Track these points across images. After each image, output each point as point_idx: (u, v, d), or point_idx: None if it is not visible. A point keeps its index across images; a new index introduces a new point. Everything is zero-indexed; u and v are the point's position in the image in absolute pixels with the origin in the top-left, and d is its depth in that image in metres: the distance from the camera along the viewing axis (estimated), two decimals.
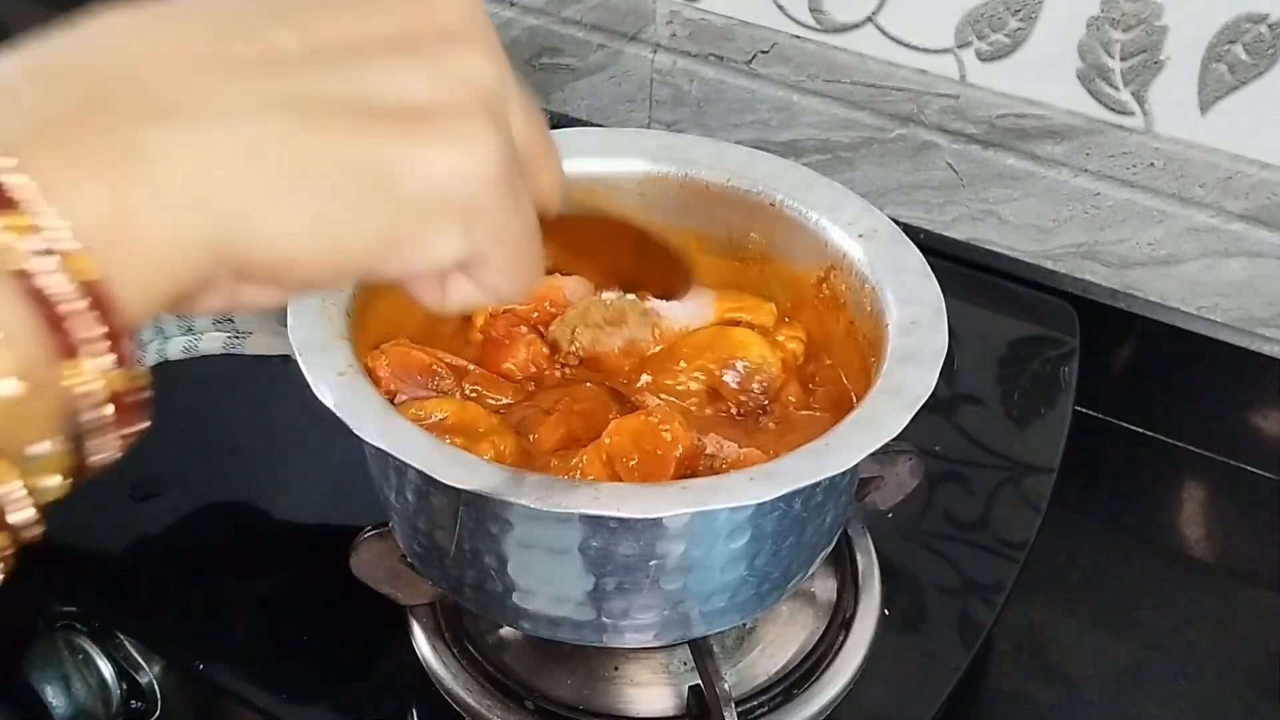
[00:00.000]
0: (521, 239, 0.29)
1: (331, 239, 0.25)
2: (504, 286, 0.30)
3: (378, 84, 0.26)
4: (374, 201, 0.25)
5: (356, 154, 0.25)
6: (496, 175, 0.27)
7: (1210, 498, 0.73)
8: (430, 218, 0.26)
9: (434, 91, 0.26)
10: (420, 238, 0.26)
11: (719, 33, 0.83)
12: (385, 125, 0.25)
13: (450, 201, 0.26)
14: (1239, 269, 0.73)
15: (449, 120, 0.26)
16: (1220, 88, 0.69)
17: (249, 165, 0.24)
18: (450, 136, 0.26)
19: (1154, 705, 0.58)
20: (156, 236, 0.23)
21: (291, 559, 0.60)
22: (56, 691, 0.58)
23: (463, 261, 0.28)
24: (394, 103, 0.26)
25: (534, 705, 0.52)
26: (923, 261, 0.51)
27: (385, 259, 0.26)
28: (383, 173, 0.25)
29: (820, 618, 0.56)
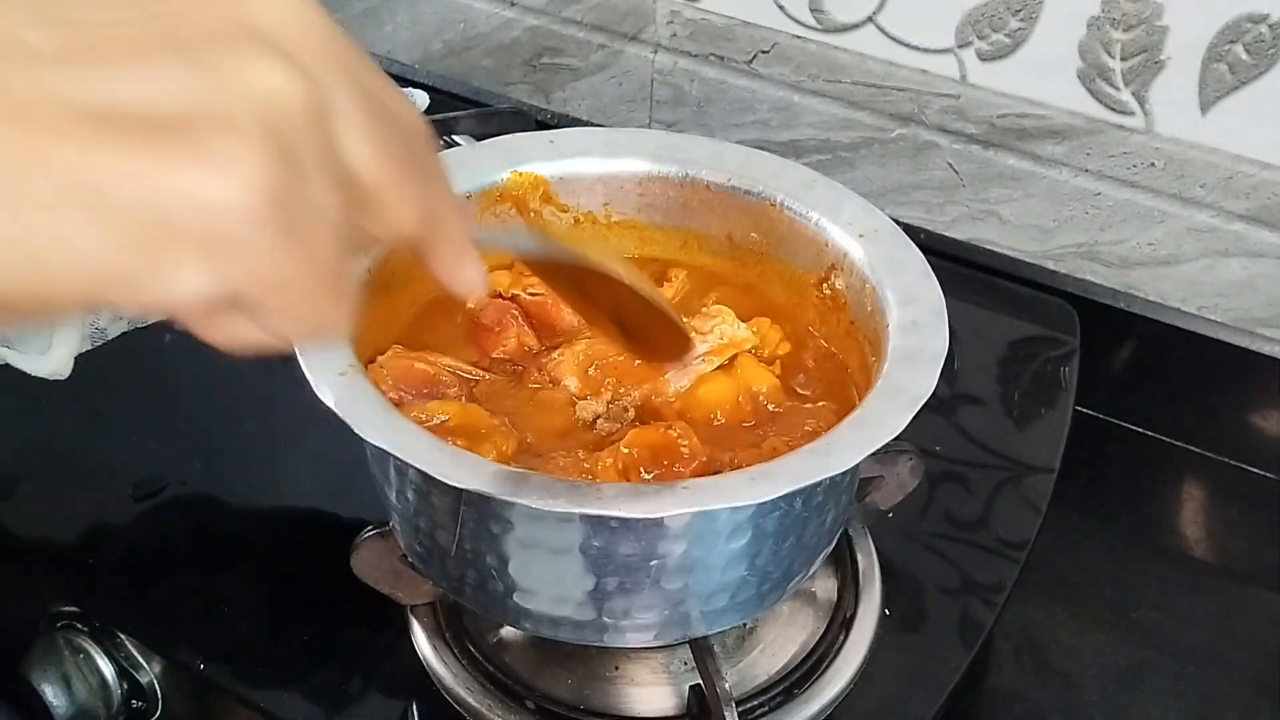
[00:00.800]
0: (302, 282, 0.24)
1: (32, 263, 0.22)
2: (285, 331, 0.26)
3: (126, 88, 0.22)
4: (86, 221, 0.22)
5: (71, 164, 0.21)
6: (252, 205, 0.22)
7: (1210, 498, 0.73)
8: (159, 249, 0.22)
9: (195, 101, 0.22)
10: (146, 270, 0.22)
11: (719, 33, 0.83)
12: (117, 136, 0.22)
13: (187, 230, 0.22)
14: (1239, 269, 0.73)
15: (202, 135, 0.22)
16: (1221, 88, 0.69)
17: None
18: (197, 154, 0.22)
19: (1154, 705, 0.58)
20: None
21: (292, 559, 0.60)
22: (57, 691, 0.58)
23: (220, 301, 0.24)
24: (139, 111, 0.22)
25: (535, 705, 0.52)
26: (923, 261, 0.51)
27: (106, 291, 0.23)
28: (102, 190, 0.22)
29: (821, 617, 0.56)
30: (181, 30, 0.23)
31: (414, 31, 0.98)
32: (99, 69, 0.22)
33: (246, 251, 0.23)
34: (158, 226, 0.22)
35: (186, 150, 0.22)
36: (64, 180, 0.21)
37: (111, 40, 0.23)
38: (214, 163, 0.22)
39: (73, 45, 0.22)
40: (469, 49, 0.96)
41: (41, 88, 0.22)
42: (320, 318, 0.25)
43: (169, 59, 0.23)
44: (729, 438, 0.50)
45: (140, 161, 0.22)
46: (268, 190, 0.23)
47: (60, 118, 0.22)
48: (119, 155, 0.22)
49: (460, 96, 0.95)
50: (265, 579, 0.59)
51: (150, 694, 0.58)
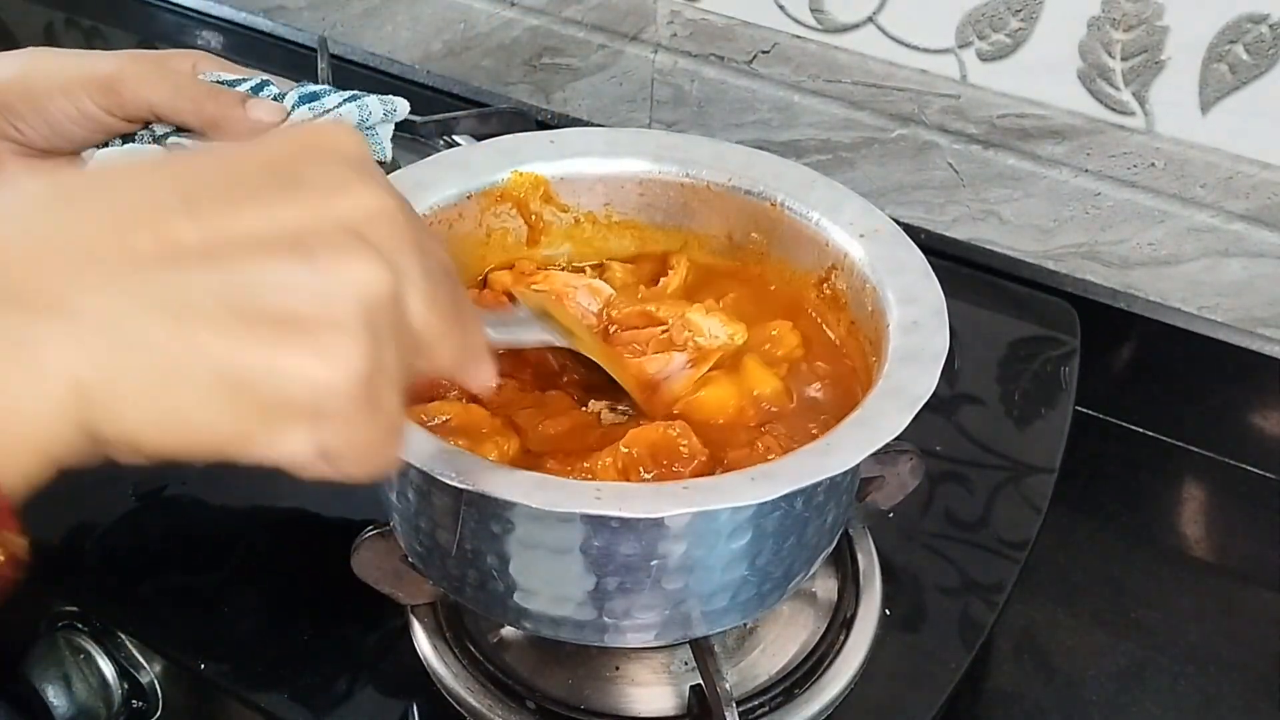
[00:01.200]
0: (371, 439, 0.31)
1: (184, 431, 0.28)
2: (353, 475, 0.31)
3: (260, 287, 0.28)
4: (228, 403, 0.28)
5: (220, 359, 0.27)
6: (350, 387, 0.29)
7: (1211, 497, 0.73)
8: (279, 419, 0.29)
9: (312, 299, 0.28)
10: (266, 437, 0.29)
11: (720, 33, 0.83)
12: (254, 331, 0.28)
13: (300, 407, 0.29)
14: (1239, 269, 0.73)
15: (317, 331, 0.28)
16: (1221, 88, 0.69)
17: (121, 362, 0.27)
18: (313, 348, 0.28)
19: (1154, 705, 0.58)
20: (32, 418, 0.26)
21: (292, 558, 0.60)
22: (58, 691, 0.58)
23: (312, 455, 0.30)
24: (270, 308, 0.28)
25: (535, 705, 0.52)
26: (924, 261, 0.51)
27: (235, 450, 0.29)
28: (241, 377, 0.28)
29: (821, 617, 0.56)
30: (299, 225, 0.29)
31: (414, 32, 0.98)
32: (237, 269, 0.28)
33: (338, 421, 0.29)
34: (278, 402, 0.28)
35: (304, 344, 0.28)
36: (215, 366, 0.27)
37: (245, 236, 0.28)
38: (323, 355, 0.28)
39: (214, 241, 0.28)
40: (469, 49, 0.96)
41: (196, 286, 0.27)
42: (383, 461, 0.32)
43: (293, 258, 0.28)
44: (731, 438, 0.50)
45: (271, 353, 0.28)
46: (361, 374, 0.29)
47: (211, 315, 0.27)
48: (256, 347, 0.28)
49: (460, 97, 0.95)
50: (266, 579, 0.59)
51: (151, 694, 0.58)
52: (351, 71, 0.97)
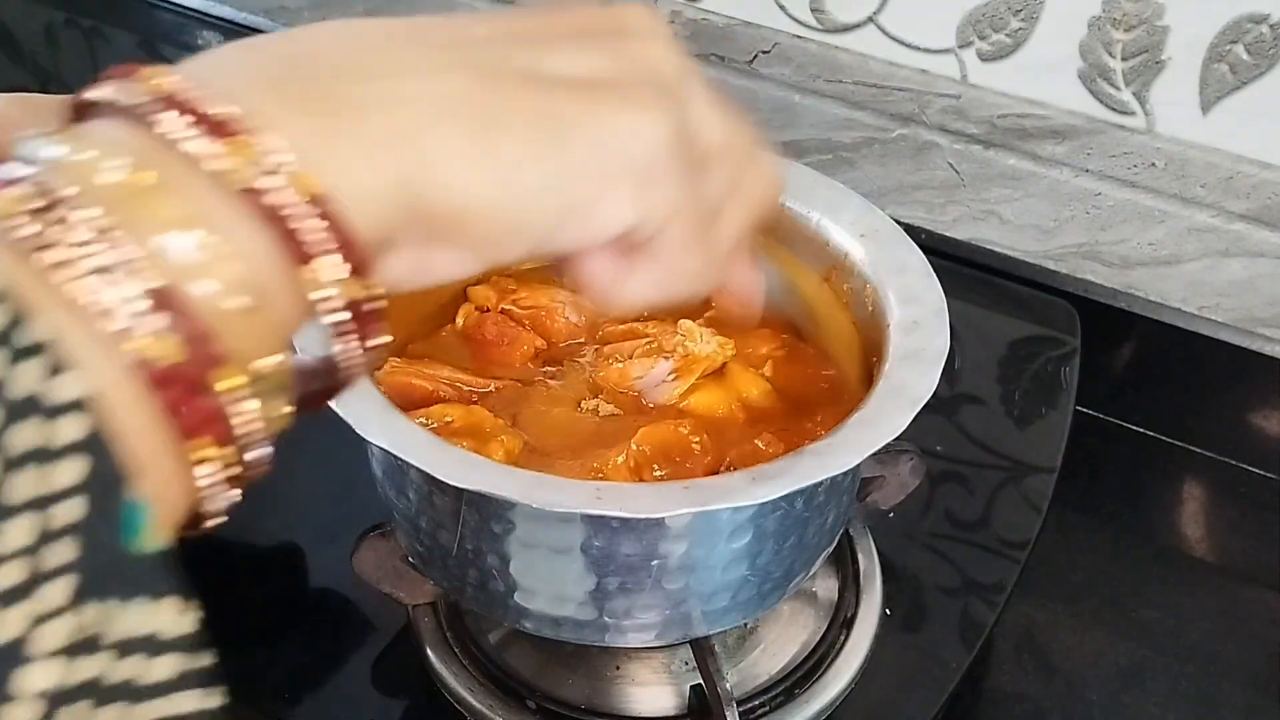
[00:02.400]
0: (695, 220, 0.30)
1: (512, 191, 0.26)
2: (676, 273, 0.30)
3: (557, 60, 0.28)
4: (553, 156, 0.27)
5: (538, 109, 0.27)
6: (670, 141, 0.28)
7: (1211, 498, 0.73)
8: (604, 177, 0.27)
9: (610, 69, 0.28)
10: (594, 199, 0.27)
11: (720, 33, 0.83)
12: (564, 90, 0.27)
13: (624, 160, 0.28)
14: (1240, 269, 0.73)
15: (624, 89, 0.28)
16: (1222, 88, 0.69)
17: (439, 115, 0.26)
18: (625, 101, 0.28)
19: (1155, 705, 0.58)
20: (356, 174, 0.24)
21: (293, 558, 0.60)
22: None
23: (635, 231, 0.28)
24: (571, 74, 0.28)
25: (536, 705, 0.52)
26: (924, 261, 0.51)
27: (561, 222, 0.27)
28: (562, 128, 0.27)
29: (821, 617, 0.56)
30: (580, 28, 0.29)
31: None
32: (530, 48, 0.28)
33: (662, 182, 0.28)
34: (602, 158, 0.27)
35: (618, 98, 0.28)
36: (534, 121, 0.26)
37: (536, 33, 0.28)
38: (639, 106, 0.28)
39: (508, 35, 0.28)
40: None
41: (497, 56, 0.27)
42: (707, 263, 0.31)
43: (586, 44, 0.29)
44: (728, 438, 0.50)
45: (587, 106, 0.27)
46: (675, 125, 0.28)
47: (519, 76, 0.27)
48: (572, 102, 0.27)
49: None
50: (266, 579, 0.59)
51: None
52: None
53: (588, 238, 0.28)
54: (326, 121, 0.24)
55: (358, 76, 0.25)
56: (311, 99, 0.25)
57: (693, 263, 0.30)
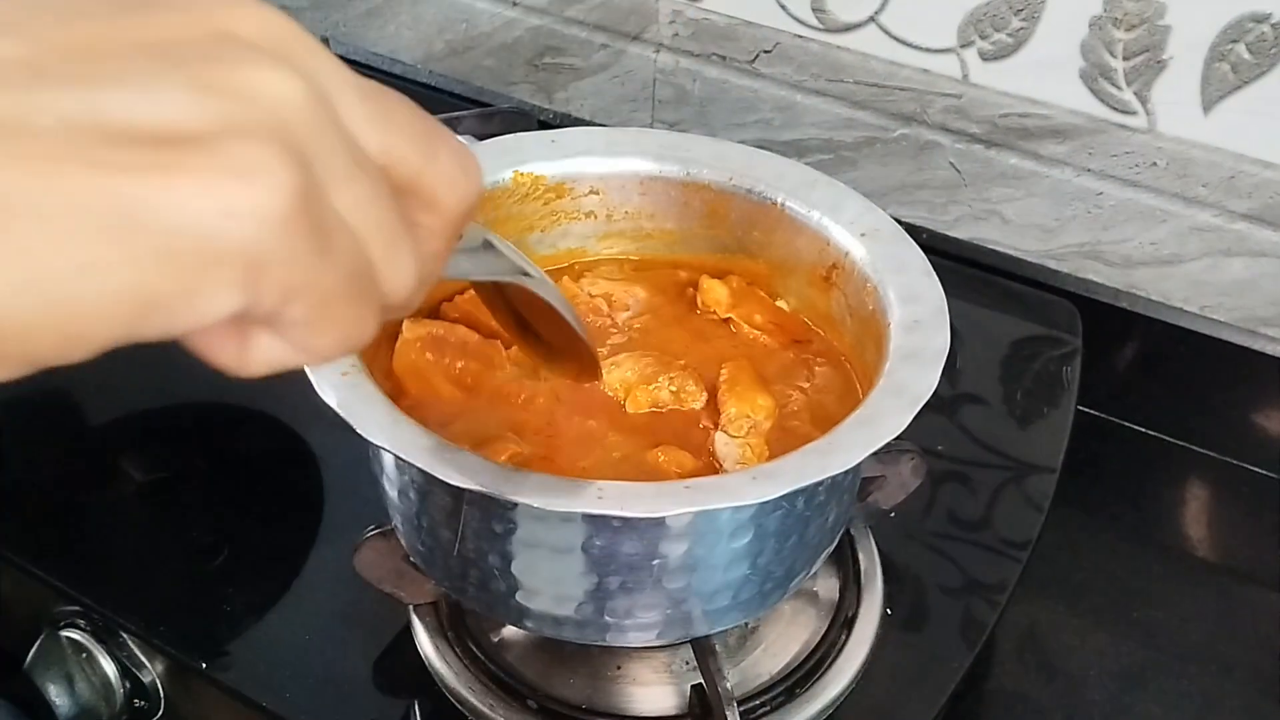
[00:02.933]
0: (333, 284, 0.23)
1: (54, 301, 0.20)
2: (315, 344, 0.24)
3: (122, 104, 0.21)
4: (113, 251, 0.20)
5: (87, 192, 0.20)
6: (286, 211, 0.21)
7: (1213, 497, 0.73)
8: (194, 268, 0.21)
9: (200, 112, 0.21)
10: (181, 293, 0.21)
11: (722, 32, 0.83)
12: (130, 155, 0.20)
13: (222, 247, 0.21)
14: (1242, 269, 0.72)
15: (218, 146, 0.21)
16: (1223, 87, 0.69)
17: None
18: (218, 165, 0.21)
19: (1156, 705, 0.58)
20: None
21: (294, 558, 0.60)
22: (60, 690, 0.58)
23: (250, 311, 0.22)
24: (143, 128, 0.20)
25: (537, 704, 0.52)
26: (925, 260, 0.51)
27: (142, 320, 0.21)
28: (126, 214, 0.20)
29: (822, 617, 0.56)
30: (162, 42, 0.22)
31: (416, 31, 0.98)
32: (87, 84, 0.20)
33: (278, 257, 0.22)
34: (189, 243, 0.21)
35: (206, 162, 0.21)
36: (83, 208, 0.20)
37: (92, 54, 0.21)
38: (236, 171, 0.21)
39: (50, 60, 0.21)
40: (471, 49, 0.96)
41: (34, 108, 0.20)
42: (350, 325, 0.24)
43: (161, 71, 0.21)
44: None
45: (160, 179, 0.20)
46: (293, 191, 0.21)
47: (65, 141, 0.20)
48: (136, 175, 0.20)
49: (462, 96, 0.95)
50: (267, 578, 0.59)
51: (153, 693, 0.58)
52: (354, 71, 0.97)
53: (182, 328, 0.22)
54: None
55: None
56: None
57: (340, 326, 0.24)
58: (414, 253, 0.25)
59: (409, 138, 0.25)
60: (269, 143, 0.21)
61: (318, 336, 0.24)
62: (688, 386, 0.51)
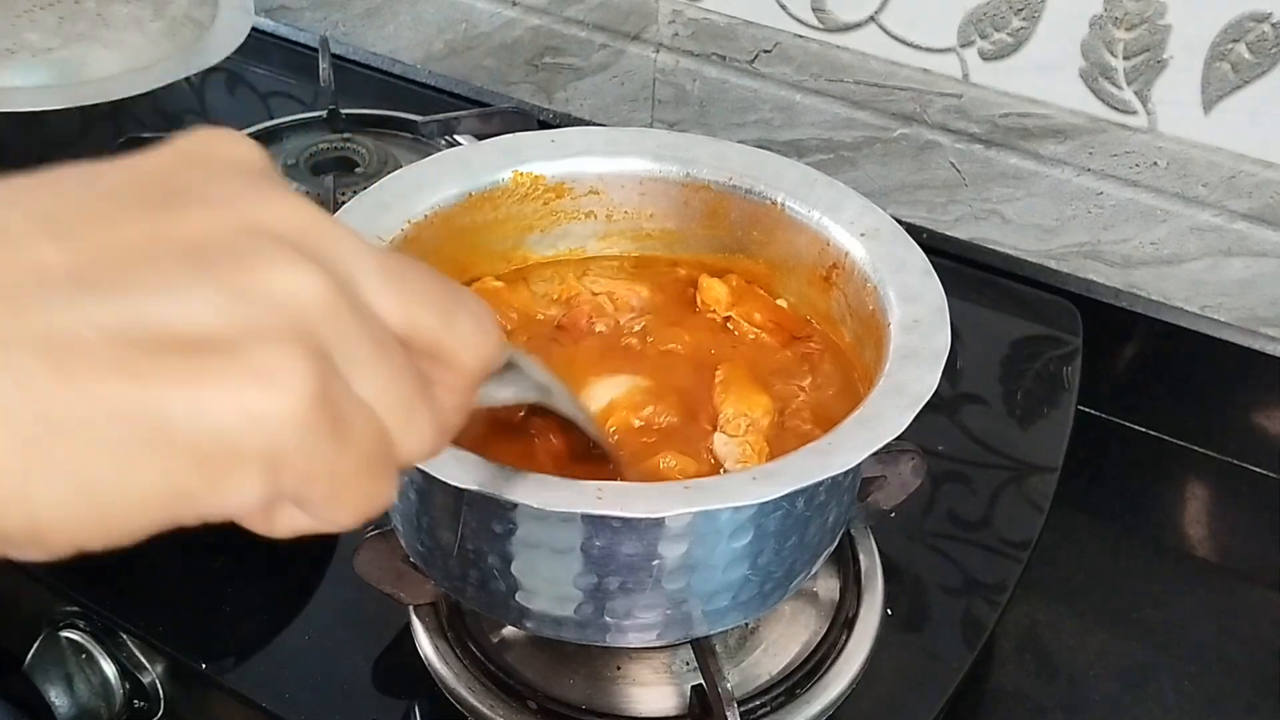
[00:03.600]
0: (350, 471, 0.25)
1: (95, 502, 0.22)
2: (335, 518, 0.26)
3: (155, 311, 0.22)
4: (147, 457, 0.22)
5: (123, 403, 0.22)
6: (304, 412, 0.23)
7: (1213, 497, 0.73)
8: (222, 467, 0.23)
9: (226, 317, 0.23)
10: (211, 489, 0.23)
11: (721, 32, 0.83)
12: (161, 365, 0.22)
13: (246, 448, 0.23)
14: (1242, 268, 0.72)
15: (242, 353, 0.23)
16: (1223, 87, 0.69)
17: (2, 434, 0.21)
18: (245, 375, 0.22)
19: (1157, 705, 0.58)
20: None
21: (294, 559, 0.60)
22: (59, 691, 0.58)
23: (274, 498, 0.24)
24: (174, 334, 0.22)
25: (537, 705, 0.51)
26: (925, 260, 0.51)
27: (175, 512, 0.23)
28: (158, 423, 0.22)
29: (823, 617, 0.56)
30: (193, 242, 0.23)
31: (416, 32, 0.98)
32: (121, 294, 0.22)
33: (298, 453, 0.23)
34: (215, 445, 0.22)
35: (231, 370, 0.22)
36: (121, 417, 0.22)
37: (128, 260, 0.23)
38: (257, 377, 0.23)
39: (90, 266, 0.22)
40: (471, 49, 0.96)
41: (76, 320, 0.22)
42: (368, 499, 0.26)
43: (191, 276, 0.23)
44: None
45: (190, 388, 0.22)
46: (311, 393, 0.23)
47: (105, 354, 0.22)
48: (169, 384, 0.22)
49: (462, 96, 0.95)
50: (268, 579, 0.59)
51: (152, 694, 0.58)
52: (353, 72, 0.97)
53: (211, 515, 0.24)
54: None
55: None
56: None
57: (356, 502, 0.25)
58: (432, 417, 0.27)
59: (428, 306, 0.27)
60: (290, 345, 0.23)
61: (337, 511, 0.25)
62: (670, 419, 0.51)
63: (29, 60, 0.76)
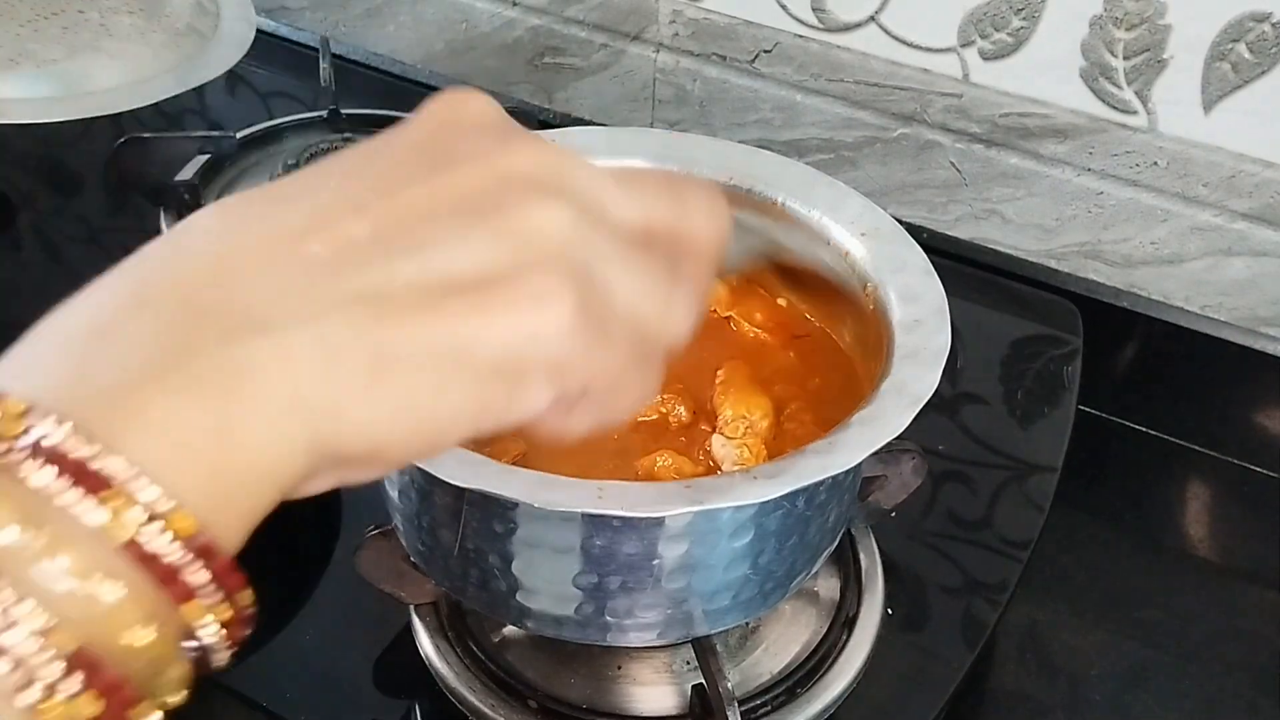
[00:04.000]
0: (618, 365, 0.29)
1: (421, 419, 0.27)
2: (620, 405, 0.30)
3: (444, 259, 0.27)
4: (456, 377, 0.26)
5: (432, 336, 0.26)
6: (572, 325, 0.27)
7: (1214, 497, 0.73)
8: (515, 378, 0.27)
9: (497, 256, 0.27)
10: (508, 397, 0.27)
11: (722, 32, 0.83)
12: (455, 301, 0.26)
13: (531, 360, 0.27)
14: (1242, 268, 0.72)
15: (517, 283, 0.27)
16: (1223, 86, 0.69)
17: (335, 364, 0.25)
18: (520, 300, 0.27)
19: (1157, 705, 0.58)
20: (258, 447, 0.25)
21: (295, 558, 0.60)
22: None
23: (559, 399, 0.29)
24: (461, 275, 0.27)
25: (537, 704, 0.52)
26: (925, 260, 0.51)
27: (478, 423, 0.27)
28: (460, 348, 0.26)
29: (823, 617, 0.56)
30: (461, 197, 0.28)
31: (416, 32, 0.98)
32: (416, 249, 0.27)
33: (574, 356, 0.28)
34: (505, 361, 0.27)
35: (508, 298, 0.27)
36: (430, 350, 0.26)
37: (414, 221, 0.27)
38: (531, 301, 0.27)
39: (387, 232, 0.27)
40: (471, 49, 0.96)
41: (383, 275, 0.26)
42: (643, 382, 0.30)
43: (467, 225, 0.27)
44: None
45: (478, 317, 0.26)
46: (574, 304, 0.27)
47: (407, 298, 0.26)
48: (462, 317, 0.26)
49: None
50: (268, 578, 0.59)
51: None
52: (354, 72, 0.97)
53: (507, 424, 0.28)
54: (217, 398, 0.24)
55: (241, 330, 0.25)
56: (199, 373, 0.24)
57: (633, 389, 0.30)
58: (683, 297, 0.31)
59: (661, 199, 0.31)
60: (552, 271, 0.27)
61: (621, 397, 0.30)
62: (676, 409, 0.51)
63: (33, 71, 0.76)
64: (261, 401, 0.25)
